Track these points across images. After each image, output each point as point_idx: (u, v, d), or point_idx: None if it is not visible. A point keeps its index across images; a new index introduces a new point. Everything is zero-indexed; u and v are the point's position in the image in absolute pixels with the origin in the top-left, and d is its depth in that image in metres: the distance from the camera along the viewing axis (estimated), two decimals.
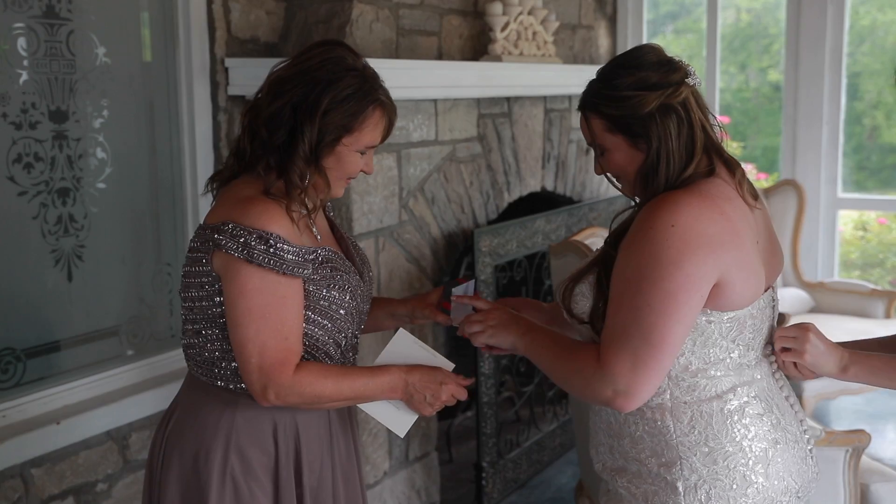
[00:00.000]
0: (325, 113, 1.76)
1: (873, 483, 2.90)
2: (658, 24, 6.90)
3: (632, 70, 1.74)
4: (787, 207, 5.00)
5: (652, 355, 1.64)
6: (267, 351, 1.72)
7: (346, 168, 1.84)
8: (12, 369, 2.55)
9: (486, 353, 2.08)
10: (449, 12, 3.69)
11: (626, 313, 1.65)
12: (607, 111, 1.74)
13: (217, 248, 1.73)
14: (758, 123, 7.08)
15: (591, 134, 1.80)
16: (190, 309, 1.83)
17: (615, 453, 1.83)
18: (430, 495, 3.62)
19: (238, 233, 1.71)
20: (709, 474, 1.74)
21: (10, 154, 2.50)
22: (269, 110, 1.78)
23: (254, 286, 1.71)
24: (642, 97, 1.71)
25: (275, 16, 3.18)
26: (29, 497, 2.49)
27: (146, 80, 2.90)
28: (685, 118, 1.72)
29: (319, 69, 1.78)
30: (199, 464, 1.80)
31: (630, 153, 1.75)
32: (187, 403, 1.88)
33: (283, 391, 1.73)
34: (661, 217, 1.65)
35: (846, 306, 4.88)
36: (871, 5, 6.58)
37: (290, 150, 1.77)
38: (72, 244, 2.68)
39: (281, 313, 1.73)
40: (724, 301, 1.71)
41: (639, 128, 1.72)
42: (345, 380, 1.80)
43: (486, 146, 3.79)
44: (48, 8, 2.57)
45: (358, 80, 1.79)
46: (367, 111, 1.80)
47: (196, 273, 1.80)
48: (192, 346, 1.85)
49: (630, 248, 1.68)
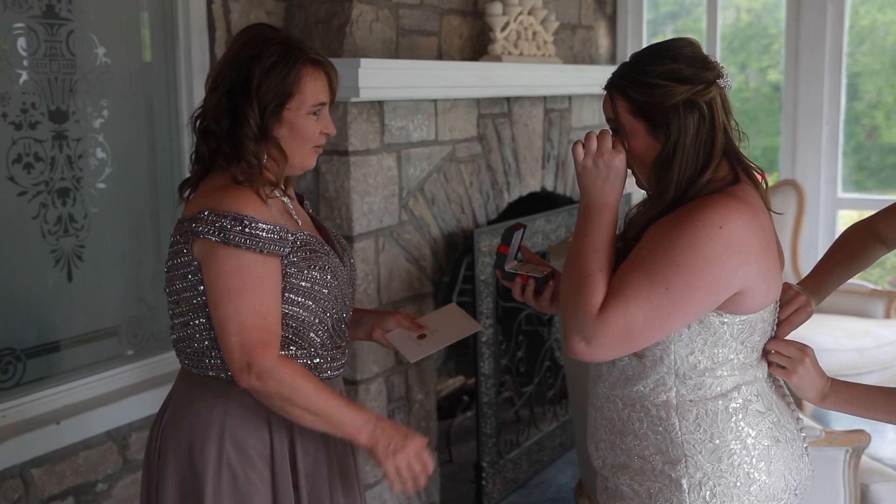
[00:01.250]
0: (258, 87, 1.80)
1: (873, 483, 2.90)
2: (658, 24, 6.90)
3: (666, 60, 1.73)
4: (787, 207, 5.00)
5: (643, 335, 1.65)
6: (246, 329, 1.73)
7: (302, 133, 1.86)
8: (12, 369, 2.55)
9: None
10: (449, 12, 3.69)
11: (642, 281, 1.63)
12: (634, 95, 1.73)
13: (195, 236, 1.76)
14: (757, 123, 7.08)
15: (614, 115, 1.78)
16: (176, 302, 1.86)
17: (617, 450, 1.82)
18: (430, 495, 3.62)
19: (213, 218, 1.74)
20: (713, 472, 1.74)
21: (9, 154, 2.50)
22: (210, 106, 1.84)
23: (231, 266, 1.74)
24: (671, 88, 1.71)
25: (274, 16, 3.18)
26: (29, 497, 2.49)
27: (146, 80, 2.90)
28: (708, 118, 1.72)
29: (241, 50, 1.83)
30: (194, 455, 1.81)
31: (648, 141, 1.75)
32: (180, 396, 1.89)
33: (265, 373, 1.73)
34: (711, 215, 1.65)
35: (846, 306, 4.88)
36: (871, 5, 6.58)
37: (238, 133, 1.81)
38: (72, 244, 2.68)
39: (258, 293, 1.74)
40: (742, 307, 1.72)
41: (661, 117, 1.71)
42: (323, 391, 1.79)
43: (485, 146, 3.79)
44: (48, 8, 2.57)
45: (280, 47, 1.84)
46: (299, 70, 1.83)
47: (178, 265, 1.83)
48: (182, 339, 1.87)
49: (672, 229, 1.66)
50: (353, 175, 3.09)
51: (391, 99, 3.20)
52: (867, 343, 4.41)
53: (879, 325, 4.63)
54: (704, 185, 1.72)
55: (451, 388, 4.36)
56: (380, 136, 3.20)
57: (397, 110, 3.27)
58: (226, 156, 1.82)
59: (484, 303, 3.63)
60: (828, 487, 2.80)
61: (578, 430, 3.14)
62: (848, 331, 4.57)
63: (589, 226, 1.73)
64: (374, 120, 3.17)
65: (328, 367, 1.91)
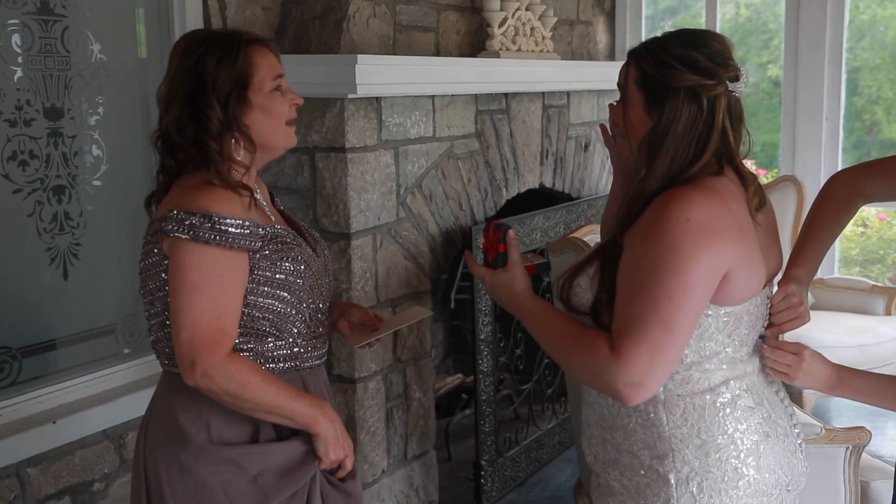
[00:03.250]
0: (213, 83, 1.80)
1: (874, 480, 2.89)
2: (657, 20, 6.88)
3: (690, 46, 1.75)
4: (786, 203, 4.98)
5: (671, 346, 1.64)
6: (198, 325, 1.72)
7: (275, 111, 1.87)
8: (8, 368, 2.54)
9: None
10: (446, 8, 3.68)
11: (643, 304, 1.63)
12: (645, 66, 1.76)
13: (164, 234, 1.76)
14: (757, 119, 7.07)
15: (624, 79, 1.81)
16: (151, 303, 1.85)
17: (607, 445, 1.83)
18: (429, 494, 3.61)
19: (182, 216, 1.74)
20: (700, 466, 1.74)
21: (4, 151, 2.48)
22: (170, 121, 1.83)
23: (191, 262, 1.74)
24: (680, 72, 1.72)
25: (271, 12, 3.17)
26: (25, 497, 2.48)
27: (141, 77, 2.89)
28: (706, 113, 1.72)
29: (183, 59, 1.84)
30: (181, 456, 1.81)
31: (641, 115, 1.77)
32: (163, 399, 1.89)
33: (212, 371, 1.72)
34: (676, 210, 1.65)
35: (846, 303, 4.87)
36: (870, 0, 6.56)
37: (202, 135, 1.81)
38: (67, 242, 2.66)
39: (216, 291, 1.74)
40: (725, 296, 1.71)
41: (660, 95, 1.73)
42: (273, 384, 1.78)
43: (483, 143, 3.77)
44: (43, 4, 2.56)
45: (219, 40, 1.84)
46: (247, 52, 1.84)
47: (150, 265, 1.83)
48: (159, 339, 1.86)
49: (644, 239, 1.67)
50: (351, 172, 3.08)
51: (388, 95, 3.19)
52: (868, 340, 4.40)
53: (880, 321, 4.62)
54: (691, 177, 1.72)
55: (449, 385, 4.35)
56: (377, 133, 3.19)
57: (395, 107, 3.25)
58: (195, 163, 1.82)
59: (483, 300, 3.61)
60: (828, 485, 2.79)
61: (577, 428, 3.13)
62: (848, 327, 4.56)
63: (531, 319, 1.80)
64: (372, 116, 3.16)
65: (309, 357, 1.92)
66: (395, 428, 3.39)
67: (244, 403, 1.77)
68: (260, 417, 1.80)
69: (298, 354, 1.90)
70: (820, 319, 4.69)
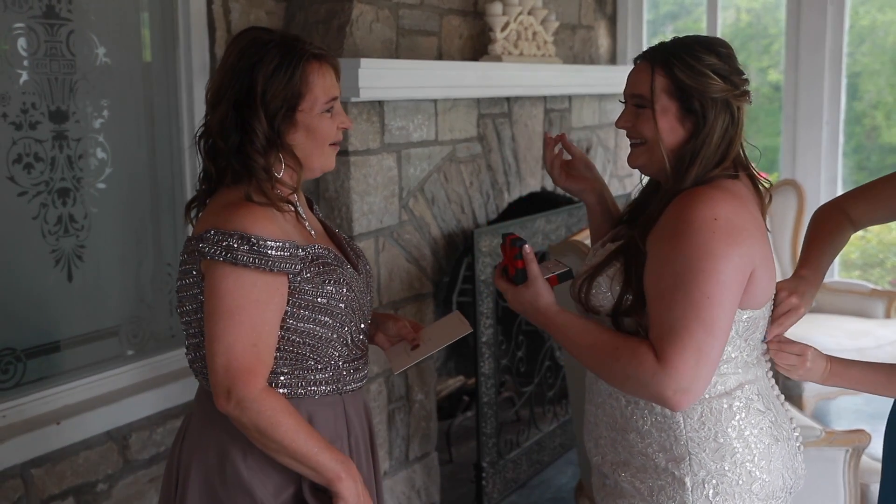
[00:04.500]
0: (263, 94, 1.72)
1: (873, 483, 2.90)
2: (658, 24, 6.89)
3: (713, 55, 1.75)
4: (787, 207, 4.99)
5: (714, 347, 1.63)
6: (234, 353, 1.66)
7: (320, 133, 1.79)
8: (12, 369, 2.55)
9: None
10: (449, 12, 3.69)
11: (683, 308, 1.62)
12: (680, 74, 1.73)
13: (202, 256, 1.69)
14: (758, 123, 7.07)
15: (649, 88, 1.76)
16: (188, 324, 1.80)
17: (618, 446, 1.82)
18: (430, 495, 3.62)
19: (219, 237, 1.67)
20: (717, 470, 1.75)
21: (10, 154, 2.50)
22: (215, 123, 1.76)
23: (227, 286, 1.67)
24: (715, 82, 1.73)
25: (275, 16, 3.18)
26: (29, 497, 2.49)
27: (146, 81, 2.90)
28: (735, 122, 1.75)
29: (240, 59, 1.74)
30: (214, 476, 1.78)
31: (674, 124, 1.76)
32: (200, 417, 1.84)
33: (246, 402, 1.66)
34: (702, 210, 1.66)
35: (846, 306, 4.88)
36: (870, 5, 6.58)
37: (247, 148, 1.73)
38: (72, 244, 2.68)
39: (253, 317, 1.67)
40: (749, 297, 1.72)
41: (698, 106, 1.73)
42: (303, 431, 1.70)
43: (486, 146, 3.79)
44: (48, 8, 2.57)
45: (279, 48, 1.75)
46: (304, 68, 1.74)
47: (187, 286, 1.77)
48: (196, 359, 1.81)
49: (671, 241, 1.66)
50: (354, 175, 3.09)
51: (391, 99, 3.20)
52: (867, 343, 4.41)
53: (879, 325, 4.63)
54: (710, 179, 1.74)
55: (451, 388, 4.36)
56: (380, 136, 3.20)
57: (397, 110, 3.27)
58: (235, 173, 1.75)
59: (484, 303, 3.63)
60: (828, 487, 2.80)
61: (578, 430, 3.14)
62: (848, 331, 4.57)
63: (562, 333, 1.76)
64: (375, 120, 3.17)
65: (351, 380, 1.86)
66: (397, 430, 3.40)
67: (271, 444, 1.69)
68: (283, 462, 1.72)
69: (340, 378, 1.83)
70: (820, 322, 4.70)
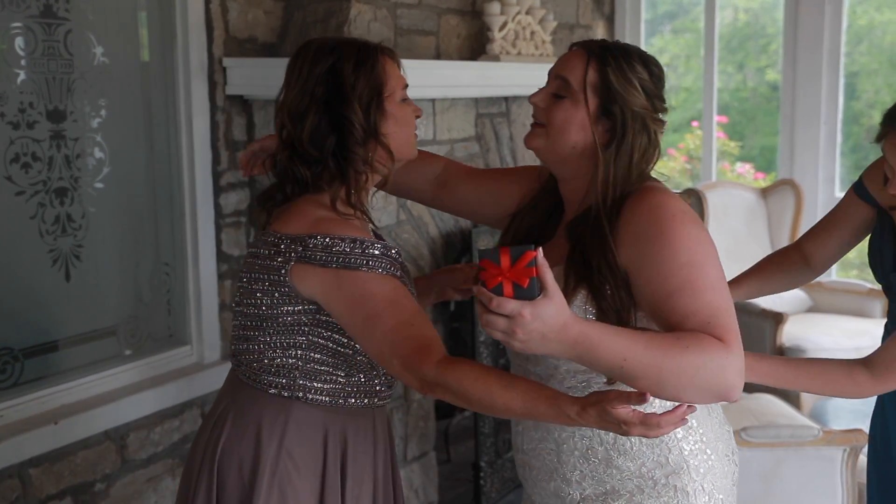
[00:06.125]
0: (353, 87, 1.74)
1: None
2: (656, 24, 6.90)
3: (646, 71, 1.71)
4: (784, 207, 5.00)
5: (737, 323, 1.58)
6: (398, 347, 1.61)
7: (406, 121, 1.82)
8: (10, 369, 2.54)
9: None
10: (447, 12, 3.69)
11: (712, 292, 1.55)
12: (612, 75, 1.68)
13: (306, 261, 1.68)
14: (755, 123, 7.08)
15: (580, 77, 1.69)
16: (245, 314, 1.79)
17: (604, 477, 1.75)
18: (429, 495, 3.62)
19: (329, 242, 1.67)
20: (709, 468, 1.75)
21: (7, 154, 2.49)
22: (304, 133, 1.76)
23: (360, 293, 1.66)
24: (640, 96, 1.68)
25: (273, 15, 3.18)
26: (27, 497, 2.49)
27: (144, 80, 2.90)
28: (653, 145, 1.71)
29: (314, 66, 1.77)
30: (246, 469, 1.78)
31: (585, 122, 1.69)
32: (240, 412, 1.83)
33: (429, 383, 1.57)
34: (669, 206, 1.63)
35: (844, 305, 4.89)
36: (868, 5, 6.58)
37: (346, 142, 1.75)
38: (70, 244, 2.68)
39: (396, 307, 1.65)
40: None
41: (618, 112, 1.68)
42: (496, 389, 1.52)
43: (483, 146, 3.79)
44: (46, 7, 2.57)
45: (350, 47, 1.79)
46: (380, 60, 1.79)
47: (265, 279, 1.74)
48: (249, 351, 1.80)
49: (660, 240, 1.59)
50: None
51: None
52: (865, 342, 4.41)
53: (877, 324, 4.62)
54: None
55: None
56: None
57: None
58: (331, 176, 1.76)
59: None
60: (826, 487, 2.80)
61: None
62: (845, 330, 4.58)
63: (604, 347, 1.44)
64: None
65: (386, 395, 1.87)
66: (395, 429, 3.41)
67: (485, 410, 1.58)
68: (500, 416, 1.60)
69: (379, 392, 1.85)
70: (817, 322, 4.71)
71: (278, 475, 1.77)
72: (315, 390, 1.79)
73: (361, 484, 1.86)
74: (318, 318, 1.74)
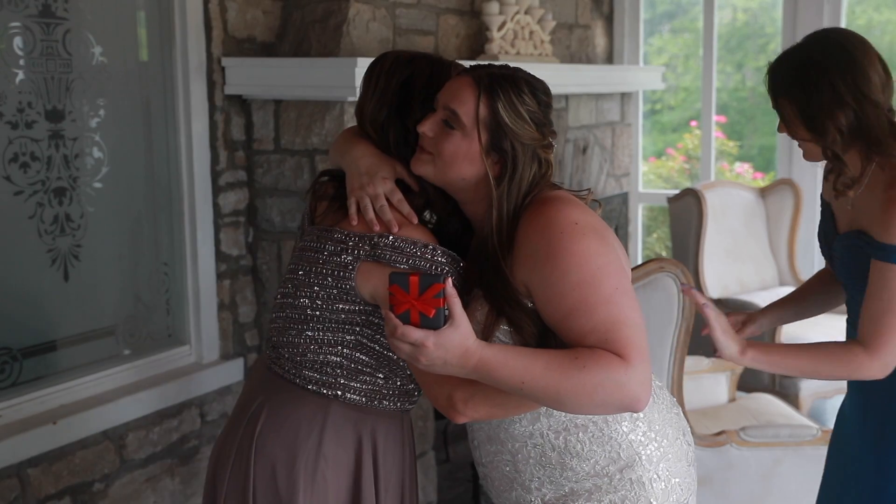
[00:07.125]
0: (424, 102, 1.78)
1: None
2: (655, 24, 6.91)
3: (535, 100, 1.69)
4: (783, 206, 5.00)
5: (644, 330, 1.61)
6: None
7: None
8: (9, 369, 2.55)
9: None
10: (445, 11, 3.69)
11: (606, 307, 1.56)
12: (502, 111, 1.66)
13: (376, 259, 1.70)
14: (754, 123, 7.08)
15: (472, 115, 1.67)
16: (293, 306, 1.79)
17: (561, 480, 1.76)
18: (427, 494, 3.62)
19: (399, 244, 1.70)
20: (662, 455, 1.77)
21: (6, 153, 2.49)
22: (388, 145, 1.82)
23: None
24: (530, 129, 1.67)
25: (271, 15, 3.18)
26: (25, 497, 2.49)
27: (142, 80, 2.90)
28: (543, 167, 1.70)
29: (390, 79, 1.82)
30: (282, 469, 1.78)
31: (475, 157, 1.68)
32: (279, 408, 1.82)
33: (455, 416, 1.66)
34: (559, 221, 1.61)
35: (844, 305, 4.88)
36: (867, 5, 6.59)
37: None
38: (68, 244, 2.68)
39: None
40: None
41: (508, 147, 1.67)
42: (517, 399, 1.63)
43: None
44: (44, 7, 2.57)
45: (426, 60, 1.85)
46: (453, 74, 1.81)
47: (328, 274, 1.74)
48: (293, 344, 1.80)
49: (551, 262, 1.58)
50: None
51: None
52: None
53: None
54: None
55: None
56: None
57: None
58: None
59: None
60: None
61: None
62: (844, 330, 4.57)
63: (504, 369, 1.52)
64: None
65: (416, 400, 1.89)
66: None
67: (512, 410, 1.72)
68: None
69: (412, 398, 1.87)
70: (817, 320, 4.70)
71: (315, 476, 1.78)
72: (353, 390, 1.80)
73: (389, 487, 1.88)
74: (371, 319, 1.76)
